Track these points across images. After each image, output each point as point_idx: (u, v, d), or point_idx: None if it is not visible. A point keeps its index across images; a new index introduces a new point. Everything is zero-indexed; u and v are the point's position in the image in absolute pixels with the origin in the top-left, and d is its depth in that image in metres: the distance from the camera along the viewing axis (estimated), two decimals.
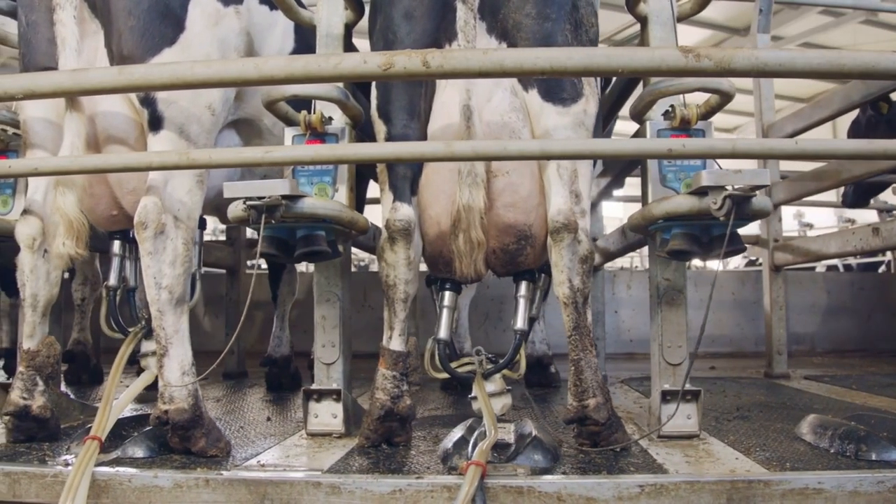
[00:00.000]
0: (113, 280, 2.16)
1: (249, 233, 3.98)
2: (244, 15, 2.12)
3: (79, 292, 3.48)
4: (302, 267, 5.20)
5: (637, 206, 2.06)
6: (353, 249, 3.63)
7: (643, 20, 2.19)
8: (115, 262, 2.17)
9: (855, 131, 3.70)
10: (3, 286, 3.71)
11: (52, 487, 1.74)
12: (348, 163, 1.91)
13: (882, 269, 7.36)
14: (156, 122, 1.91)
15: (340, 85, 1.98)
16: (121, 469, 1.73)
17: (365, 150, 1.77)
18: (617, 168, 2.93)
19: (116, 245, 2.18)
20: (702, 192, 1.69)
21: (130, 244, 2.21)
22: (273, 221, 1.69)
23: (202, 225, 2.28)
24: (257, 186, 1.68)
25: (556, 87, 1.92)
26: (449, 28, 1.96)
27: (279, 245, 1.87)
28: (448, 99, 1.97)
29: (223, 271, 3.76)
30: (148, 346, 2.15)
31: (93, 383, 3.37)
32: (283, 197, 1.69)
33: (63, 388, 2.64)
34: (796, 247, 3.20)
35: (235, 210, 1.77)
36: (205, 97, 1.97)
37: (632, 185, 3.70)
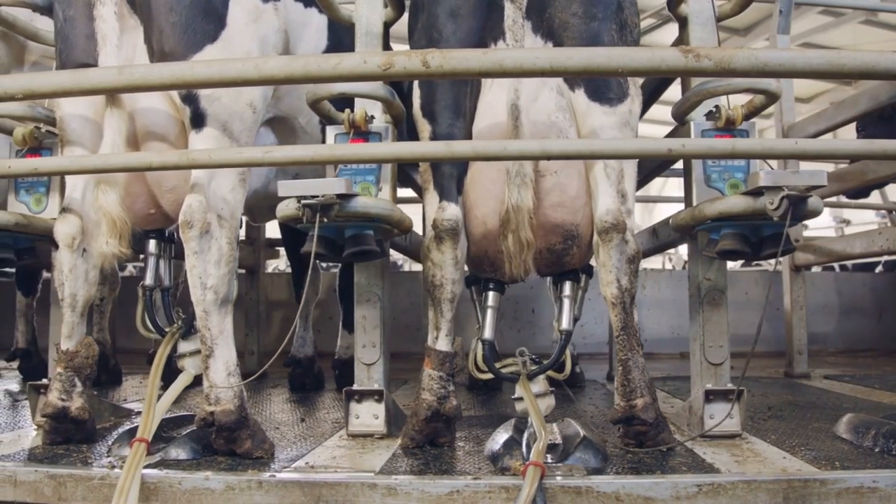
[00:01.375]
0: (149, 280, 2.13)
1: (269, 232, 3.95)
2: (281, 12, 2.10)
3: (98, 292, 3.43)
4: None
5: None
6: None
7: (683, 20, 2.19)
8: (151, 262, 2.14)
9: (865, 123, 3.70)
10: (19, 286, 3.67)
11: (99, 490, 1.71)
12: (350, 162, 1.90)
13: (878, 269, 7.44)
14: (198, 120, 1.89)
15: (381, 83, 1.96)
16: (170, 471, 1.71)
17: (366, 150, 1.76)
18: (647, 169, 2.93)
19: (152, 244, 2.15)
20: (756, 192, 1.70)
21: (166, 243, 2.18)
22: (326, 220, 1.68)
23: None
24: (312, 185, 1.67)
25: (603, 86, 1.92)
26: (495, 27, 1.95)
27: (327, 244, 1.85)
28: (494, 98, 1.96)
29: (242, 271, 3.73)
30: (184, 346, 2.12)
31: (112, 384, 3.33)
32: (337, 196, 1.67)
33: None
34: (819, 247, 3.22)
35: (286, 209, 1.75)
36: (246, 94, 1.95)
37: None
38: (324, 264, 7.03)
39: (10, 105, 2.05)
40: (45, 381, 2.31)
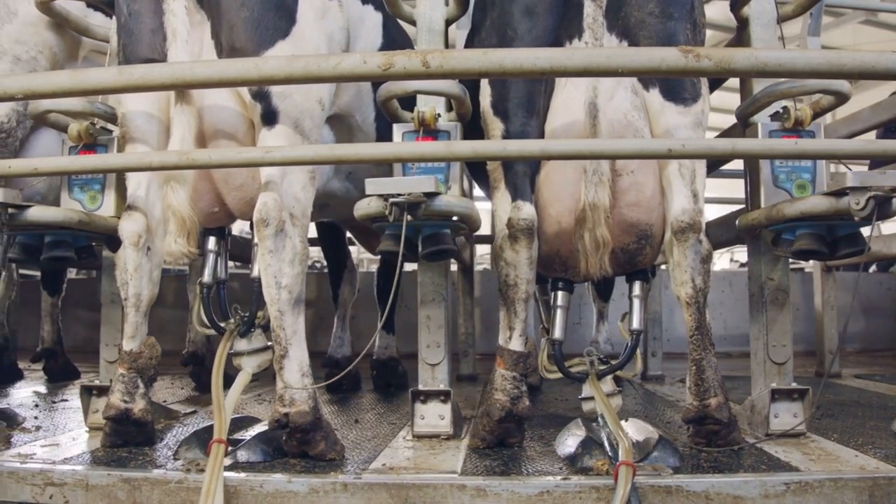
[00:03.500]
0: (207, 277, 2.09)
1: None
2: (345, 8, 2.08)
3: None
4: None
5: None
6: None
7: (744, 22, 2.21)
8: (210, 259, 2.10)
9: (887, 129, 3.74)
10: (44, 285, 3.59)
11: (176, 494, 1.68)
12: (348, 163, 1.88)
13: (872, 269, 7.52)
14: (270, 117, 1.86)
15: (456, 81, 1.95)
16: (251, 474, 1.68)
17: (365, 150, 1.75)
18: None
19: (212, 241, 2.11)
20: (839, 192, 1.71)
21: (225, 240, 2.15)
22: (412, 218, 1.66)
23: None
24: (400, 183, 1.65)
25: (678, 86, 1.92)
26: (570, 25, 1.94)
27: (404, 243, 1.83)
28: (569, 97, 1.95)
29: None
30: (241, 345, 2.08)
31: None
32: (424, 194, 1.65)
33: None
34: None
35: (368, 207, 1.73)
36: (315, 91, 1.92)
37: None
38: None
39: (68, 100, 2.00)
40: (96, 382, 2.26)
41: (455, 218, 1.83)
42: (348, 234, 3.46)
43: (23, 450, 1.96)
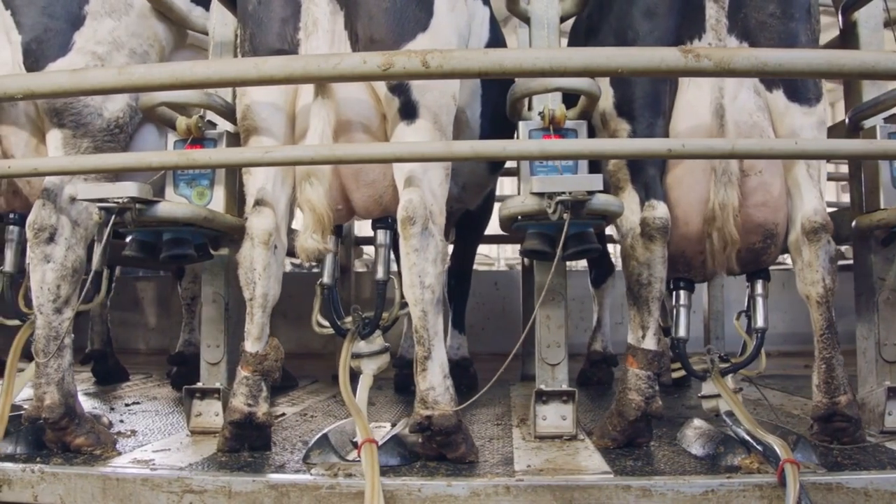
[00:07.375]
0: (327, 278, 2.04)
1: (357, 230, 3.84)
2: (468, 2, 2.06)
3: (189, 291, 3.28)
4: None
5: None
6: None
7: (851, 24, 2.25)
8: (329, 260, 2.04)
9: None
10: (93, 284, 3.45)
11: (327, 500, 1.63)
12: (346, 162, 1.82)
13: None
14: (410, 111, 1.82)
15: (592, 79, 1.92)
16: (408, 479, 1.64)
17: (368, 150, 1.74)
18: None
19: (331, 241, 2.04)
20: None
21: (340, 239, 2.10)
22: (573, 217, 1.64)
23: None
24: (567, 181, 1.63)
25: (802, 87, 1.95)
26: (692, 26, 1.95)
27: (546, 241, 1.81)
28: (693, 98, 1.96)
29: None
30: (362, 347, 2.03)
31: None
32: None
33: None
34: None
35: (524, 205, 1.70)
36: (450, 86, 1.89)
37: None
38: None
39: (185, 93, 1.92)
40: (199, 384, 2.18)
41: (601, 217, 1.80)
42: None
43: (138, 455, 1.88)
